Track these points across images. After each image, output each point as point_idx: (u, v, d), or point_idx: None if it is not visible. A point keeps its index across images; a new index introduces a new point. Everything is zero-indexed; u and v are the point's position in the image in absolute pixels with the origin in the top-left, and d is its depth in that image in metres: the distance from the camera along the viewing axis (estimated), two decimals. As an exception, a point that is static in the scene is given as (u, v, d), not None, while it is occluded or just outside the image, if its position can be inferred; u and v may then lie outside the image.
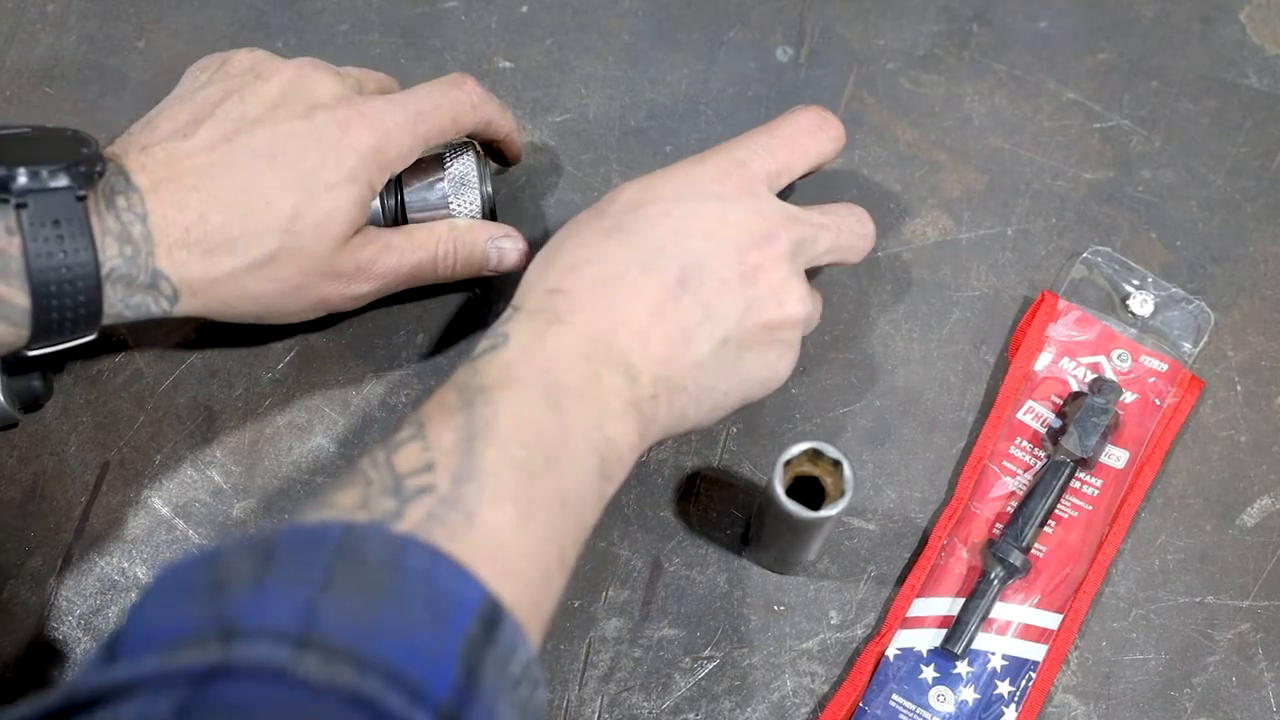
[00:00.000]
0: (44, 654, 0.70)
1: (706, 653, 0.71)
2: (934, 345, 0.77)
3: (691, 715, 0.70)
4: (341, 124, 0.65)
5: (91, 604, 0.71)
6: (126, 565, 0.72)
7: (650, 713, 0.70)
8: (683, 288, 0.62)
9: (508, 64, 0.83)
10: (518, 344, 0.60)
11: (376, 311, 0.77)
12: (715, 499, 0.74)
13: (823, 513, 0.63)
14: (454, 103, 0.69)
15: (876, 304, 0.78)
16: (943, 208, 0.80)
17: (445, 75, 0.71)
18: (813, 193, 0.80)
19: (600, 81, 0.83)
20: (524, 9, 0.84)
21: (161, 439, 0.74)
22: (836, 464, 0.64)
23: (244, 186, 0.63)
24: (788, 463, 0.64)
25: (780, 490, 0.63)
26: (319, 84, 0.67)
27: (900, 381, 0.77)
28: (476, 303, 0.77)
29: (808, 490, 0.65)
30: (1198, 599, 0.73)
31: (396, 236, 0.69)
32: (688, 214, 0.64)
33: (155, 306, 0.63)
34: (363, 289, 0.69)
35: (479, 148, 0.73)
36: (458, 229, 0.71)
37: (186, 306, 0.64)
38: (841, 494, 0.63)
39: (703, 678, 0.71)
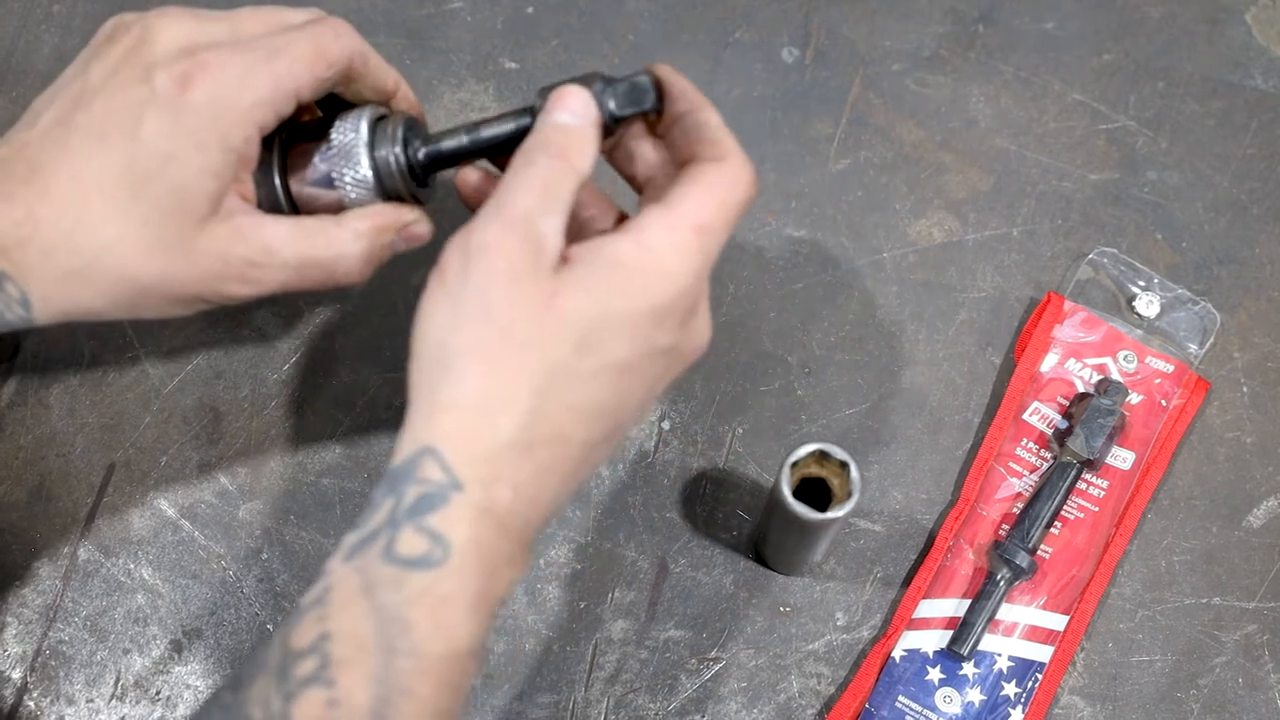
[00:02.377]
0: (51, 655, 0.70)
1: (713, 654, 0.71)
2: (940, 346, 0.77)
3: (697, 717, 0.70)
4: (179, 80, 0.56)
5: (98, 605, 0.71)
6: (132, 567, 0.72)
7: (656, 714, 0.70)
8: (607, 438, 0.55)
9: (513, 65, 0.83)
10: (456, 565, 0.50)
11: (382, 313, 0.77)
12: (721, 500, 0.74)
13: (830, 514, 0.63)
14: (312, 35, 0.58)
15: (882, 305, 0.78)
16: (948, 209, 0.80)
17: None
18: (819, 195, 0.80)
19: (606, 83, 0.83)
20: (529, 10, 0.84)
21: (167, 440, 0.74)
22: (843, 465, 0.64)
23: (74, 173, 0.56)
24: (794, 464, 0.64)
25: (787, 492, 0.63)
26: (162, 36, 0.57)
27: (906, 383, 0.77)
28: (482, 304, 0.77)
29: (815, 491, 0.65)
30: (1204, 600, 0.73)
31: (283, 239, 0.58)
32: (657, 359, 0.54)
33: (9, 313, 0.57)
34: (239, 290, 0.59)
35: (388, 109, 0.62)
36: (363, 236, 0.60)
37: (44, 312, 0.57)
38: (848, 495, 0.63)
39: (709, 679, 0.71)
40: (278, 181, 0.60)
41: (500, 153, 0.60)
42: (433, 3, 0.84)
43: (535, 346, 0.52)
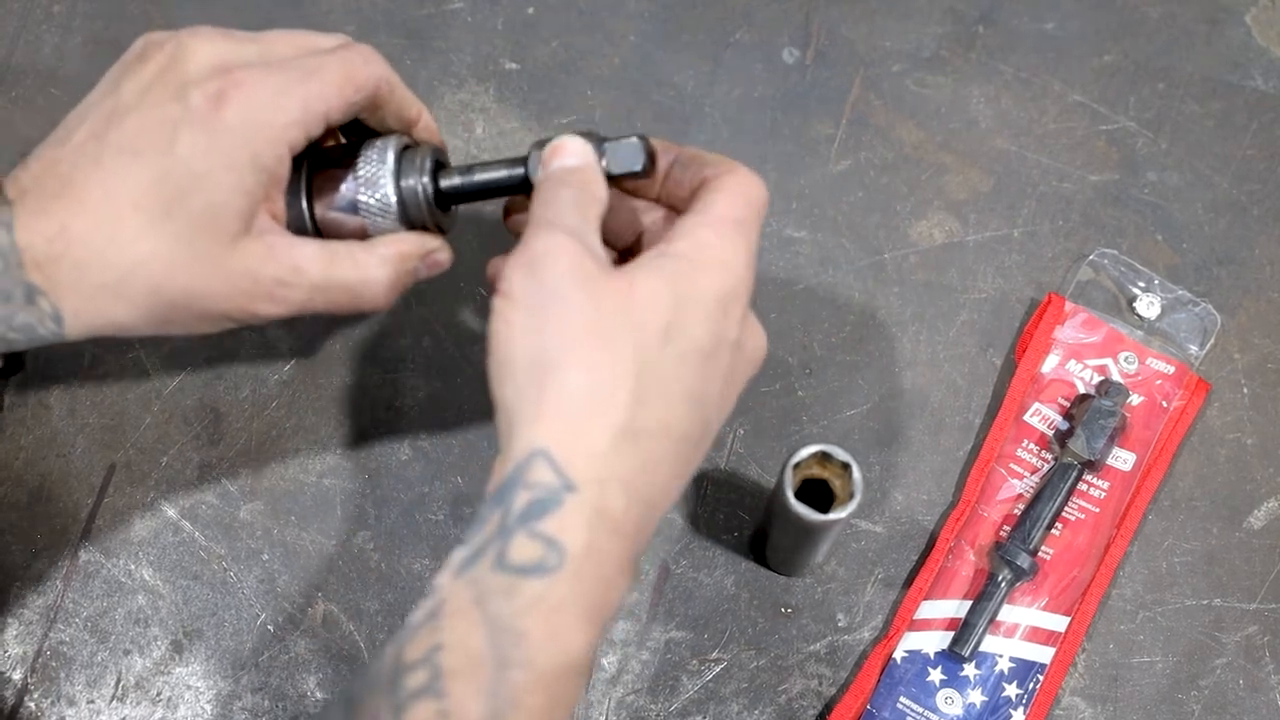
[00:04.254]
0: (51, 656, 0.70)
1: (714, 655, 0.71)
2: (941, 348, 0.77)
3: (699, 718, 0.70)
4: (213, 99, 0.56)
5: (98, 606, 0.71)
6: (133, 567, 0.72)
7: (658, 715, 0.70)
8: (702, 434, 0.55)
9: (514, 65, 0.83)
10: (571, 571, 0.50)
11: (383, 313, 0.77)
12: (722, 501, 0.74)
13: (832, 515, 0.63)
14: (342, 59, 0.60)
15: (883, 306, 0.78)
16: (949, 210, 0.80)
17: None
18: (819, 196, 0.80)
19: (606, 83, 0.83)
20: (530, 10, 0.84)
21: (168, 441, 0.74)
22: (845, 466, 0.64)
23: (107, 189, 0.56)
24: (796, 465, 0.64)
25: (789, 493, 0.63)
26: (195, 55, 0.58)
27: (907, 384, 0.77)
28: (483, 305, 0.77)
29: (816, 493, 0.65)
30: (1205, 601, 0.73)
31: (312, 261, 0.59)
32: (731, 350, 0.56)
33: (42, 328, 0.57)
34: (267, 310, 0.59)
35: (410, 139, 0.63)
36: (389, 262, 0.61)
37: (75, 327, 0.57)
38: (850, 496, 0.63)
39: (710, 680, 0.71)
40: (304, 205, 0.61)
41: (526, 189, 0.61)
42: (433, 3, 0.84)
43: (625, 337, 0.52)
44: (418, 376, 0.76)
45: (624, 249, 0.63)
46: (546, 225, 0.54)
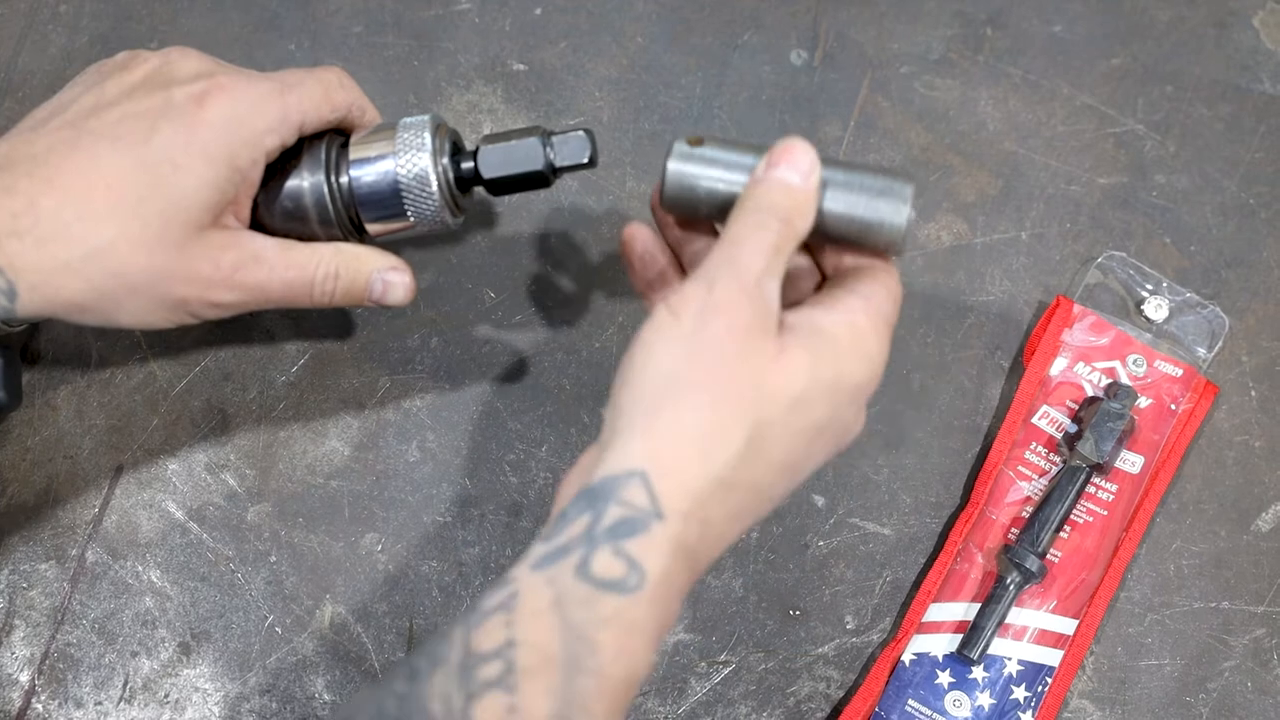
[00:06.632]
0: (59, 658, 0.70)
1: (722, 657, 0.71)
2: (949, 350, 0.77)
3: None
4: (197, 98, 0.60)
5: (106, 608, 0.71)
6: (140, 569, 0.72)
7: (666, 717, 0.70)
8: (782, 497, 0.57)
9: (522, 67, 0.83)
10: (648, 595, 0.50)
11: (389, 315, 0.77)
12: (730, 503, 0.74)
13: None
14: (320, 78, 0.64)
15: (891, 308, 0.78)
16: (957, 212, 0.80)
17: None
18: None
19: (614, 85, 0.83)
20: (538, 11, 0.84)
21: (175, 442, 0.74)
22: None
23: (82, 169, 0.58)
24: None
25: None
26: (183, 64, 0.62)
27: (915, 386, 0.77)
28: (492, 307, 0.77)
29: None
30: (1213, 604, 0.73)
31: (271, 249, 0.62)
32: (837, 431, 0.57)
33: None
34: (225, 298, 0.62)
35: (440, 119, 0.66)
36: (343, 253, 0.64)
37: (29, 304, 0.58)
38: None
39: (718, 682, 0.71)
40: (335, 180, 0.64)
41: (544, 184, 0.65)
42: (441, 4, 0.84)
43: (756, 396, 0.53)
44: (426, 378, 0.76)
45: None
46: (734, 270, 0.55)
